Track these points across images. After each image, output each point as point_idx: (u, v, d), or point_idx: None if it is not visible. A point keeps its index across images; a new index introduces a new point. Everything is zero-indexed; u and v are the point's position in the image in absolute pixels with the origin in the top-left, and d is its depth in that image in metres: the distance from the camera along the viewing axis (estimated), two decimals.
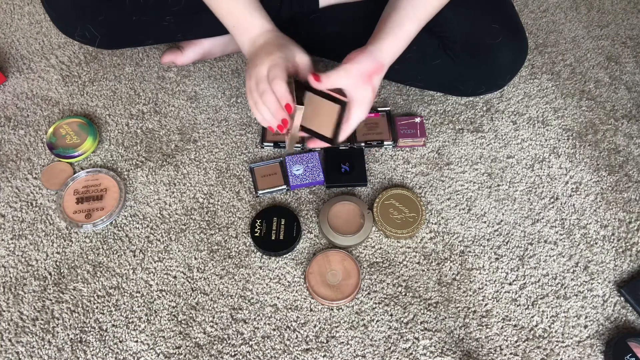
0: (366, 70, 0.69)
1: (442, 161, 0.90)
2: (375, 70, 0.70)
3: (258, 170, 0.87)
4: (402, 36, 0.72)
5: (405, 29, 0.72)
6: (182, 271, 0.78)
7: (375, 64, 0.70)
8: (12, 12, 1.08)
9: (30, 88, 0.97)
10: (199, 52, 0.97)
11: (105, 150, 0.90)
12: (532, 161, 0.90)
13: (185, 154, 0.90)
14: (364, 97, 0.70)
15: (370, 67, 0.70)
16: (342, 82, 0.69)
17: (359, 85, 0.69)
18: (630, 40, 1.08)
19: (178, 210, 0.84)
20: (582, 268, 0.80)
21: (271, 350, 0.72)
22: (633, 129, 0.95)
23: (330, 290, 0.75)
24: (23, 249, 0.80)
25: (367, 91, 0.70)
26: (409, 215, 0.82)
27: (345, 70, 0.69)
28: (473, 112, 0.96)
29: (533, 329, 0.75)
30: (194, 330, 0.73)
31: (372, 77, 0.70)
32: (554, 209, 0.85)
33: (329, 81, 0.69)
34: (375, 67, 0.70)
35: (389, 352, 0.72)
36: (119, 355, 0.71)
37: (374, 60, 0.70)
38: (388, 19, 0.73)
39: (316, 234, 0.82)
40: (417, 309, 0.76)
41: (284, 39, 0.73)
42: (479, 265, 0.80)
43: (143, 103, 0.96)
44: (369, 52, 0.70)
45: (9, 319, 0.74)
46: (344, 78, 0.69)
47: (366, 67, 0.69)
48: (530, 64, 1.04)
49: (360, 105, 0.71)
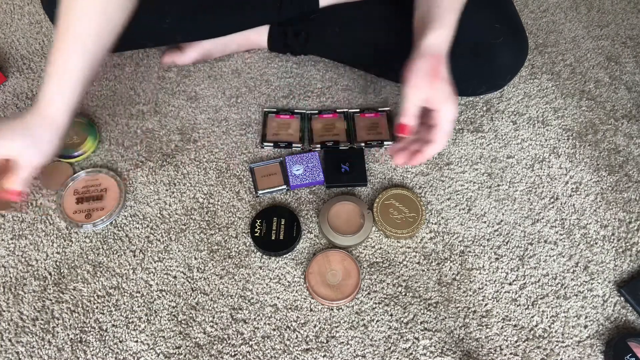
0: (426, 71, 0.65)
1: (442, 161, 0.90)
2: (436, 63, 0.66)
3: (258, 170, 0.87)
4: (448, 24, 0.68)
5: (449, 19, 0.68)
6: (182, 271, 0.78)
7: (431, 59, 0.66)
8: (12, 12, 1.08)
9: (30, 88, 0.97)
10: (199, 53, 0.97)
11: (105, 150, 0.90)
12: (532, 161, 0.90)
13: (185, 154, 0.90)
14: (441, 94, 0.66)
15: (428, 65, 0.65)
16: (416, 100, 0.65)
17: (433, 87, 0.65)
18: (630, 40, 1.08)
19: (178, 210, 0.84)
20: (582, 268, 0.80)
21: (271, 350, 0.72)
22: (633, 129, 0.95)
23: (330, 290, 0.75)
24: (23, 249, 0.80)
25: (443, 86, 0.65)
26: (409, 215, 0.82)
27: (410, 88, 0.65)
28: (473, 112, 0.96)
29: (533, 329, 0.75)
30: (194, 330, 0.73)
31: (436, 71, 0.65)
32: (554, 209, 0.85)
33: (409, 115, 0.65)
34: (433, 62, 0.65)
35: (389, 352, 0.72)
36: (119, 355, 0.71)
37: (428, 56, 0.66)
38: (428, 14, 0.69)
39: (316, 234, 0.82)
40: (417, 309, 0.76)
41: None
42: (479, 265, 0.80)
43: (143, 103, 0.96)
44: (419, 55, 0.66)
45: (9, 319, 0.74)
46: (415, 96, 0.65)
47: (424, 68, 0.65)
48: (530, 64, 1.04)
49: (443, 103, 0.65)
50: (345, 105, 0.96)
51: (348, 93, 0.98)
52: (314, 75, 1.00)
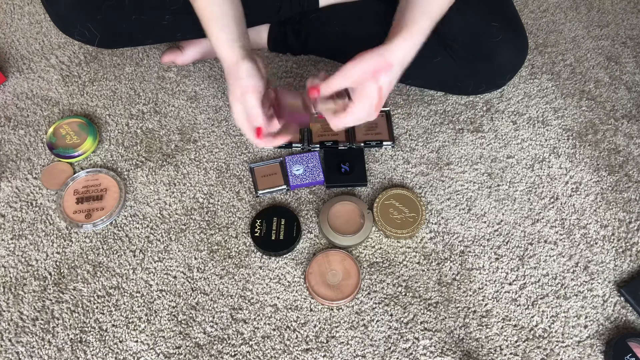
0: (368, 69, 0.68)
1: (442, 161, 0.90)
2: (381, 68, 0.68)
3: (258, 170, 0.87)
4: (415, 33, 0.69)
5: (418, 26, 0.69)
6: (182, 271, 0.78)
7: (380, 62, 0.68)
8: (12, 12, 1.08)
9: (30, 88, 0.97)
10: (199, 52, 0.97)
11: (105, 150, 0.90)
12: (532, 161, 0.90)
13: (185, 154, 0.90)
14: (366, 93, 0.68)
15: (373, 65, 0.68)
16: (342, 83, 0.68)
17: (361, 83, 0.68)
18: (630, 40, 1.08)
19: (178, 210, 0.84)
20: (582, 268, 0.80)
21: (271, 350, 0.72)
22: (633, 129, 0.95)
23: (330, 290, 0.75)
24: (23, 249, 0.80)
25: (371, 88, 0.68)
26: (409, 215, 0.82)
27: (343, 73, 0.68)
28: (473, 112, 0.96)
29: (533, 329, 0.75)
30: (194, 330, 0.73)
31: (376, 75, 0.68)
32: (554, 209, 0.85)
33: (329, 88, 0.68)
34: (379, 65, 0.68)
35: (389, 352, 0.72)
36: (119, 355, 0.71)
37: (379, 58, 0.68)
38: (401, 18, 0.71)
39: (316, 234, 0.82)
40: (417, 309, 0.76)
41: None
42: (479, 265, 0.80)
43: (143, 103, 0.96)
44: (375, 51, 0.69)
45: (9, 319, 0.74)
46: (343, 79, 0.68)
47: (368, 66, 0.68)
48: (530, 64, 1.04)
49: (360, 100, 0.69)
50: None
51: None
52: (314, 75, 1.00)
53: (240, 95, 0.71)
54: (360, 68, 0.68)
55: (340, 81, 0.68)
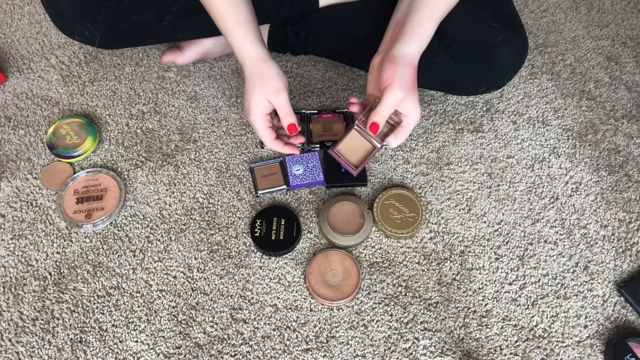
0: (406, 80, 0.70)
1: (442, 161, 0.90)
2: (415, 74, 0.71)
3: (258, 170, 0.87)
4: (424, 37, 0.72)
5: (425, 30, 0.72)
6: (182, 271, 0.78)
7: (411, 69, 0.71)
8: (12, 12, 1.08)
9: (30, 88, 0.97)
10: (199, 52, 0.97)
11: (105, 150, 0.90)
12: (532, 161, 0.90)
13: (185, 154, 0.90)
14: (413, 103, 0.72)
15: (409, 75, 0.70)
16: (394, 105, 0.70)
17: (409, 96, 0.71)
18: (630, 40, 1.08)
19: (178, 210, 0.84)
20: (582, 268, 0.80)
21: (271, 350, 0.72)
22: (633, 129, 0.95)
23: (330, 290, 0.75)
24: (23, 249, 0.80)
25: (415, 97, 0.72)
26: (409, 215, 0.82)
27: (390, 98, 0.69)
28: (473, 112, 0.96)
29: (533, 329, 0.75)
30: (194, 330, 0.73)
31: (415, 82, 0.71)
32: (554, 209, 0.85)
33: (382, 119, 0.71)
34: (413, 73, 0.71)
35: (389, 352, 0.72)
36: (119, 355, 0.71)
37: (408, 66, 0.70)
38: (407, 21, 0.73)
39: (316, 234, 0.82)
40: (417, 309, 0.76)
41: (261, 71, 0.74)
42: (479, 265, 0.80)
43: (143, 103, 0.96)
44: (397, 61, 0.70)
45: (9, 319, 0.74)
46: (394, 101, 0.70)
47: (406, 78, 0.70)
48: (530, 64, 1.04)
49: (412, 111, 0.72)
50: (345, 105, 0.96)
51: (348, 93, 0.98)
52: (314, 75, 1.00)
53: (273, 93, 0.73)
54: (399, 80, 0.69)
55: (391, 103, 0.70)
